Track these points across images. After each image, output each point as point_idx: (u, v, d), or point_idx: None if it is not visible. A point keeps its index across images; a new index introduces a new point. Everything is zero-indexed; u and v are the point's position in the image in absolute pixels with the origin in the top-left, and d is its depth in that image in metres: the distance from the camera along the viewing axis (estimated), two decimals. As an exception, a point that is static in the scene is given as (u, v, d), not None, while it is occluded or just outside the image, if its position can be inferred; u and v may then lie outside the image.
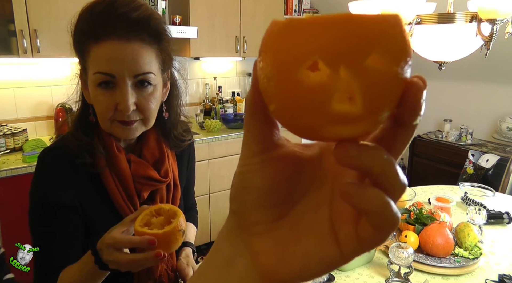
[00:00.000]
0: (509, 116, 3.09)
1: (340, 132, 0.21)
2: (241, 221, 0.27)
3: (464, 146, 3.09)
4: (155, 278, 0.85)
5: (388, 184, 0.21)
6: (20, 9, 2.24)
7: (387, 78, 0.20)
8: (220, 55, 3.23)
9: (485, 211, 1.50)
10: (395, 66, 0.20)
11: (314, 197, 0.26)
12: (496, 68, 2.99)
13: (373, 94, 0.20)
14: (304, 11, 3.81)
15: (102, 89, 0.73)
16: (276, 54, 0.21)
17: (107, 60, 0.71)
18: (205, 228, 3.06)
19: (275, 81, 0.21)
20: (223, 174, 3.05)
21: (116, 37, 0.70)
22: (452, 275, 1.25)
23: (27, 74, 2.63)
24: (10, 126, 2.50)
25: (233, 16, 3.17)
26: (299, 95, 0.20)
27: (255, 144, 0.26)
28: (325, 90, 0.20)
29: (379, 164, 0.21)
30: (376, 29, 0.20)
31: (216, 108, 3.31)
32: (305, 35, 0.20)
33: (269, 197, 0.26)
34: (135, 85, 0.74)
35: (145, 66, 0.73)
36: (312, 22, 0.20)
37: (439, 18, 1.29)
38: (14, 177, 2.18)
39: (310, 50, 0.20)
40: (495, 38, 1.21)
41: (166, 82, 0.85)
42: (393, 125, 0.23)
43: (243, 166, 0.27)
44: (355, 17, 0.20)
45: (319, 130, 0.21)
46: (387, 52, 0.20)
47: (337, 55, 0.19)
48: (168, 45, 0.80)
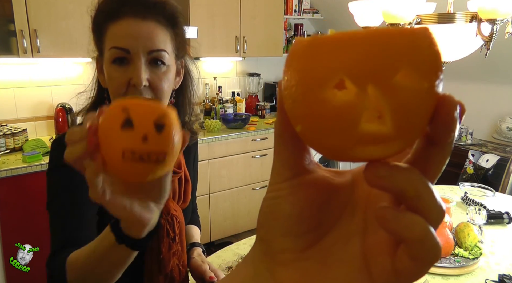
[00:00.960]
0: (509, 116, 3.09)
1: (370, 153, 0.20)
2: (267, 248, 0.26)
3: (464, 146, 3.09)
4: (166, 272, 0.84)
5: (425, 208, 0.20)
6: (20, 9, 2.24)
7: (417, 95, 0.19)
8: (220, 55, 3.23)
9: (485, 211, 1.50)
10: (426, 82, 0.19)
11: (345, 226, 0.25)
12: (496, 68, 2.99)
13: (404, 113, 0.19)
14: (304, 11, 3.80)
15: (117, 66, 0.74)
16: (300, 73, 0.20)
17: (123, 35, 0.73)
18: (205, 228, 3.06)
19: (301, 101, 0.21)
20: (223, 174, 3.05)
21: (133, 15, 0.73)
22: (452, 275, 1.25)
23: (27, 74, 2.63)
24: (10, 126, 2.50)
25: (233, 16, 3.17)
26: (325, 115, 0.20)
27: (284, 169, 0.25)
28: (353, 110, 0.19)
29: (413, 185, 0.20)
30: (403, 44, 0.19)
31: (216, 108, 3.31)
32: (330, 53, 0.19)
33: (298, 224, 0.25)
34: (149, 62, 0.75)
35: (159, 43, 0.75)
36: (337, 39, 0.20)
37: (439, 18, 1.30)
38: (14, 177, 2.18)
39: (335, 69, 0.19)
40: (495, 38, 1.21)
41: (179, 71, 0.86)
42: (427, 145, 0.21)
43: (272, 191, 0.26)
44: (382, 32, 0.19)
45: (348, 151, 0.20)
46: (417, 68, 0.19)
47: (364, 73, 0.19)
48: (182, 32, 0.82)
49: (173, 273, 0.85)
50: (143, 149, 0.39)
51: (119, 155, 0.38)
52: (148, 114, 0.40)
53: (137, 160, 0.39)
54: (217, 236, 3.14)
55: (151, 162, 0.39)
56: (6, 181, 2.17)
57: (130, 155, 0.38)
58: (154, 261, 0.82)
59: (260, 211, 0.26)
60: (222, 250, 1.46)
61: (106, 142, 0.40)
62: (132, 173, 0.40)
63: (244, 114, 3.32)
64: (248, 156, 3.14)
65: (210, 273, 0.92)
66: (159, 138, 0.39)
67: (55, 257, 0.71)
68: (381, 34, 0.19)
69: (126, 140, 0.38)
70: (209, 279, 0.90)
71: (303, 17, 3.85)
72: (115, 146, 0.39)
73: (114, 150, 0.39)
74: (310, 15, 3.83)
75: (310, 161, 0.26)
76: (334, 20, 3.83)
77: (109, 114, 0.40)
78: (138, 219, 0.47)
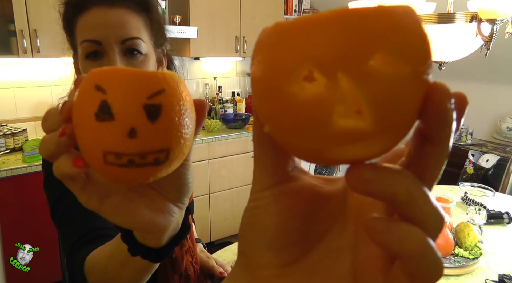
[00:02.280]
0: (509, 116, 3.09)
1: (351, 153, 0.17)
2: (247, 263, 0.23)
3: (464, 146, 3.09)
4: (181, 271, 0.81)
5: (420, 215, 0.17)
6: (20, 9, 2.24)
7: (398, 82, 0.16)
8: (220, 55, 3.23)
9: (485, 211, 1.50)
10: (408, 66, 0.16)
11: (334, 240, 0.22)
12: (496, 68, 2.99)
13: (383, 104, 0.16)
14: (304, 11, 3.80)
15: (91, 61, 0.70)
16: (264, 66, 0.18)
17: (92, 26, 0.69)
18: (205, 228, 3.06)
19: (266, 98, 0.18)
20: (223, 174, 3.05)
21: (100, 4, 0.69)
22: (452, 275, 1.25)
23: (27, 74, 2.63)
24: (10, 126, 2.50)
25: (233, 16, 3.17)
26: (294, 112, 0.17)
27: (264, 176, 0.23)
28: (323, 103, 0.16)
29: (404, 188, 0.17)
30: (378, 24, 0.16)
31: (216, 108, 3.31)
32: (294, 40, 0.17)
33: (279, 237, 0.22)
34: (123, 53, 0.71)
35: (132, 31, 0.70)
36: (302, 24, 0.17)
37: (439, 18, 1.29)
38: (14, 177, 2.18)
39: (300, 57, 0.17)
40: (495, 38, 1.21)
41: (161, 60, 0.81)
42: (421, 144, 0.18)
43: (252, 200, 0.23)
44: (351, 12, 0.16)
45: (324, 153, 0.18)
46: (396, 50, 0.16)
47: (332, 59, 0.16)
48: (158, 16, 0.77)
49: (187, 271, 0.82)
50: (133, 149, 0.26)
51: (100, 158, 0.26)
52: (133, 94, 0.26)
53: (125, 164, 0.26)
54: (217, 236, 3.14)
55: (148, 165, 0.27)
56: (6, 181, 2.17)
57: (115, 159, 0.26)
58: (167, 261, 0.79)
59: (241, 222, 0.24)
60: (222, 250, 1.45)
61: (81, 136, 0.28)
62: (123, 179, 0.28)
63: (244, 114, 3.32)
64: (248, 156, 3.14)
65: (219, 268, 0.89)
66: (154, 130, 0.26)
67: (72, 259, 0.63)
68: (350, 14, 0.16)
69: (106, 137, 0.26)
70: (220, 275, 0.88)
71: (303, 17, 3.84)
72: (92, 144, 0.27)
73: (92, 150, 0.27)
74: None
75: (294, 167, 0.23)
76: (334, 20, 3.83)
77: (81, 94, 0.27)
78: (149, 226, 0.35)
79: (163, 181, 0.34)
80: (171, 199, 0.36)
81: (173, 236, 0.41)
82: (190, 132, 0.28)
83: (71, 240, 0.66)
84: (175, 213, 0.37)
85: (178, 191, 0.36)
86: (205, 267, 0.89)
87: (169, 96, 0.27)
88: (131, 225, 0.35)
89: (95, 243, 0.58)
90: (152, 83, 0.26)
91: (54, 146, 0.29)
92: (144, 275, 0.48)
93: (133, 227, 0.36)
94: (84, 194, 0.32)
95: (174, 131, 0.27)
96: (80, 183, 0.31)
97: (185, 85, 0.29)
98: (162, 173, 0.29)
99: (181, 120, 0.27)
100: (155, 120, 0.26)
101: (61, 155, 0.29)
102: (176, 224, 0.39)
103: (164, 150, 0.27)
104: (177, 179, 0.35)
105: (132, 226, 0.36)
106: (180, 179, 0.36)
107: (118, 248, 0.46)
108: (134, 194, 0.34)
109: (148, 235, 0.39)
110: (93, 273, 0.54)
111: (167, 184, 0.36)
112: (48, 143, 0.30)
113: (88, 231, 0.65)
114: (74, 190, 0.32)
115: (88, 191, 0.32)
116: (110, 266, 0.50)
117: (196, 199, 2.97)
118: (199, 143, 2.85)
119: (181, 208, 0.38)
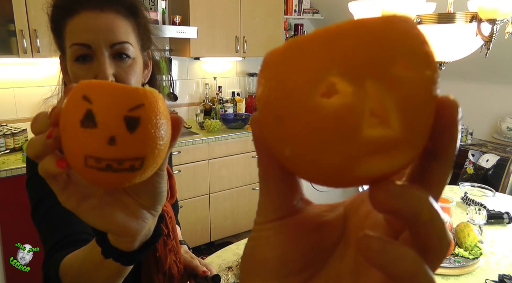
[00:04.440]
0: (509, 116, 3.09)
1: (377, 167, 0.17)
2: None
3: (464, 146, 3.09)
4: (165, 271, 0.82)
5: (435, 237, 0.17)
6: (20, 9, 2.24)
7: (419, 85, 0.16)
8: (220, 55, 3.23)
9: (485, 211, 1.50)
10: (427, 69, 0.16)
11: (335, 266, 0.22)
12: (496, 68, 2.99)
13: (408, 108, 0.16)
14: (304, 11, 3.80)
15: (80, 64, 0.72)
16: (281, 84, 0.17)
17: (82, 30, 0.70)
18: (205, 228, 3.06)
19: (285, 116, 0.17)
20: (223, 174, 3.05)
21: (90, 8, 0.70)
22: (452, 275, 1.25)
23: (27, 74, 2.63)
24: (10, 126, 2.50)
25: (233, 16, 3.17)
26: (321, 126, 0.16)
27: (268, 210, 0.23)
28: (352, 113, 0.16)
29: (428, 208, 0.17)
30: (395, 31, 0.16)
31: (216, 108, 3.31)
32: (315, 51, 0.16)
33: (279, 269, 0.22)
34: (113, 57, 0.72)
35: (121, 35, 0.71)
36: (320, 35, 0.17)
37: (439, 18, 1.29)
38: (14, 177, 2.18)
39: (323, 67, 0.16)
40: (495, 38, 1.21)
41: (147, 63, 0.83)
42: (426, 160, 0.18)
43: (255, 231, 0.24)
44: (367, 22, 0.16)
45: (351, 169, 0.17)
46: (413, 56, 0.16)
47: (358, 66, 0.16)
48: (145, 21, 0.78)
49: (171, 270, 0.83)
50: (111, 155, 0.29)
51: (81, 161, 0.29)
52: (116, 106, 0.29)
53: (103, 168, 0.29)
54: (217, 236, 3.14)
55: (124, 171, 0.30)
56: (6, 181, 2.17)
57: (94, 163, 0.29)
58: (151, 260, 0.80)
59: (243, 252, 0.24)
60: (222, 250, 1.45)
61: (66, 140, 0.30)
62: (101, 182, 0.31)
63: (244, 114, 3.32)
64: (248, 155, 3.14)
65: (202, 267, 0.90)
66: (132, 139, 0.29)
67: (48, 260, 0.65)
68: (367, 23, 0.16)
69: (88, 143, 0.29)
70: (203, 274, 0.88)
71: (303, 17, 3.84)
72: (75, 148, 0.30)
73: (75, 153, 0.30)
74: (310, 15, 3.83)
75: (300, 198, 0.23)
76: (334, 20, 3.83)
77: (69, 102, 0.30)
78: (123, 230, 0.38)
79: (138, 188, 0.38)
80: (145, 206, 0.39)
81: (144, 241, 0.44)
82: (164, 144, 0.31)
83: (49, 243, 0.68)
84: (147, 219, 0.39)
85: (152, 198, 0.39)
86: (188, 267, 0.90)
87: (147, 110, 0.30)
88: (106, 226, 0.37)
89: (72, 247, 0.59)
90: (133, 97, 0.30)
91: (41, 147, 0.32)
92: (116, 280, 0.50)
93: (107, 229, 0.38)
94: (64, 193, 0.34)
95: (149, 142, 0.30)
96: (62, 183, 0.34)
97: (164, 101, 0.32)
98: (136, 179, 0.31)
99: (156, 132, 0.30)
100: (133, 131, 0.29)
101: (46, 155, 0.32)
102: (148, 230, 0.42)
103: (139, 158, 0.30)
104: (151, 187, 0.38)
105: (106, 228, 0.38)
106: (154, 187, 0.38)
107: (92, 252, 0.48)
108: (110, 198, 0.37)
109: (121, 238, 0.41)
110: (67, 275, 0.56)
111: (142, 192, 0.38)
112: (35, 144, 0.32)
113: (66, 235, 0.67)
114: (55, 189, 0.34)
115: (68, 191, 0.34)
116: (84, 268, 0.52)
117: (196, 199, 2.97)
118: (199, 143, 2.85)
119: (154, 215, 0.40)
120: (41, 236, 0.73)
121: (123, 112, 0.29)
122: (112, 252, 0.43)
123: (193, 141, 2.81)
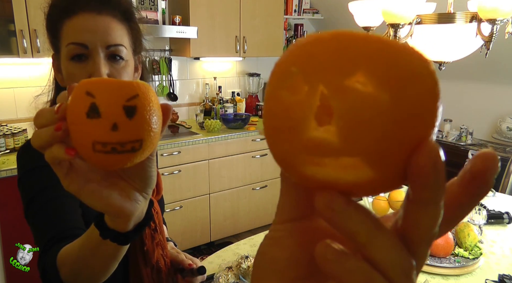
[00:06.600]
0: (509, 116, 3.09)
1: (323, 172, 0.18)
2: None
3: (464, 146, 3.09)
4: (153, 264, 0.83)
5: (380, 262, 0.17)
6: (20, 9, 2.24)
7: (372, 104, 0.16)
8: (220, 55, 3.24)
9: (485, 211, 1.50)
10: (386, 92, 0.16)
11: None
12: (496, 68, 2.99)
13: (351, 122, 0.17)
14: (304, 11, 3.80)
15: (75, 62, 0.74)
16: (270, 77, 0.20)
17: (80, 30, 0.73)
18: (205, 228, 3.06)
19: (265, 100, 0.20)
20: (223, 174, 3.05)
21: (88, 10, 0.73)
22: (452, 275, 1.25)
23: (27, 74, 2.63)
24: (10, 126, 2.50)
25: (233, 16, 3.17)
26: (279, 114, 0.19)
27: (284, 211, 0.24)
28: (301, 109, 0.18)
29: (366, 230, 0.17)
30: (367, 47, 0.17)
31: (216, 108, 3.31)
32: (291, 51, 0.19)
33: (288, 271, 0.23)
34: (107, 58, 0.75)
35: (117, 38, 0.75)
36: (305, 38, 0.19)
37: (439, 18, 1.30)
38: (14, 177, 2.18)
39: (290, 63, 0.19)
40: (495, 38, 1.21)
41: (137, 67, 0.86)
42: (405, 199, 0.18)
43: (270, 231, 0.25)
44: (346, 34, 0.18)
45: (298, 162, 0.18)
46: (376, 74, 0.16)
47: (316, 69, 0.17)
48: (137, 26, 0.82)
49: (159, 264, 0.85)
50: (115, 139, 0.34)
51: (90, 147, 0.35)
52: (115, 98, 0.35)
53: (109, 151, 0.35)
54: (217, 236, 3.14)
55: (126, 152, 0.35)
56: (6, 181, 2.17)
57: (101, 147, 0.34)
58: (139, 254, 0.81)
59: (257, 251, 0.25)
60: (222, 250, 1.45)
61: (75, 131, 0.35)
62: (107, 164, 0.36)
63: (244, 114, 3.32)
64: (248, 155, 3.14)
65: (188, 261, 0.91)
66: (131, 125, 0.35)
67: (45, 255, 0.67)
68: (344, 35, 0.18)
69: (95, 131, 0.34)
70: (188, 267, 0.90)
71: (303, 17, 3.85)
72: (84, 136, 0.35)
73: (83, 141, 0.35)
74: (310, 15, 3.83)
75: None
76: (334, 20, 3.83)
77: (74, 98, 0.36)
78: (119, 210, 0.42)
79: (132, 173, 0.43)
80: (138, 188, 0.44)
81: (138, 223, 0.49)
82: (157, 128, 0.37)
83: (45, 238, 0.70)
84: (140, 201, 0.45)
85: (144, 181, 0.44)
86: (174, 261, 0.91)
87: (142, 100, 0.35)
88: (104, 208, 0.42)
89: (68, 240, 0.62)
90: (129, 89, 0.35)
91: (49, 138, 0.36)
92: (111, 263, 0.55)
93: (105, 210, 0.43)
94: (67, 178, 0.39)
95: (146, 126, 0.36)
96: (65, 169, 0.38)
97: (154, 92, 0.38)
98: (137, 158, 0.37)
99: (151, 118, 0.36)
100: (131, 117, 0.35)
101: (52, 145, 0.36)
102: (141, 212, 0.47)
103: (138, 140, 0.35)
104: (143, 171, 0.43)
105: (105, 209, 0.43)
106: (146, 171, 0.44)
107: (88, 238, 0.53)
108: (107, 182, 0.42)
109: (117, 219, 0.46)
110: (65, 265, 0.60)
111: (135, 175, 0.44)
112: (43, 135, 0.36)
113: (62, 230, 0.69)
114: (59, 174, 0.38)
115: (71, 176, 0.39)
116: (81, 255, 0.56)
117: (196, 199, 2.97)
118: (199, 143, 2.85)
119: (145, 197, 0.45)
120: (35, 232, 0.74)
121: (122, 102, 0.34)
122: (109, 233, 0.48)
123: (193, 141, 2.81)
